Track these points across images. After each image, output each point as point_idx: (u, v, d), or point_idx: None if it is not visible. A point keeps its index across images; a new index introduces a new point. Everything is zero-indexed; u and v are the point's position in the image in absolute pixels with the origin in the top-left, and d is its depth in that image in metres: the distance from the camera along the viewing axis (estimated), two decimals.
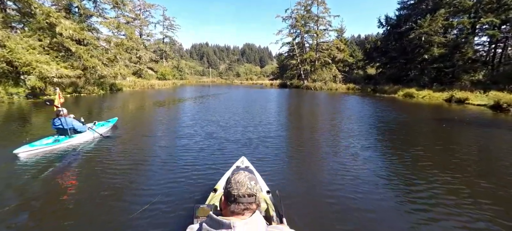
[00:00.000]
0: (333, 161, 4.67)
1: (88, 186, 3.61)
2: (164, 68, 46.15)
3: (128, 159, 4.74)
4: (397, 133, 7.20)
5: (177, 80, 46.70)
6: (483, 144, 6.20)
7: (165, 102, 15.28)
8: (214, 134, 6.72)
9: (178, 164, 4.46)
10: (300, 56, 38.13)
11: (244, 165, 3.34)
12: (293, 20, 37.52)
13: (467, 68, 23.43)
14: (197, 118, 9.35)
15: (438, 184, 3.64)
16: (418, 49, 29.38)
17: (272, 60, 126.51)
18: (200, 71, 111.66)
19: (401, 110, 12.53)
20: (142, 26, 42.97)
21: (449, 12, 26.88)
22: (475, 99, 13.31)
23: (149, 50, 44.19)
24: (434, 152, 5.31)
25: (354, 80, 35.02)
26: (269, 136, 6.59)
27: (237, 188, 1.01)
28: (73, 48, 17.19)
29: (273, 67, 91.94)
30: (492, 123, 8.99)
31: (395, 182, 3.79)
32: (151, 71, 42.45)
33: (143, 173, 4.08)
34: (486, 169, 4.36)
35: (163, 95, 20.56)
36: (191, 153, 5.14)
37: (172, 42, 55.68)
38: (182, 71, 66.83)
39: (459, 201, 3.16)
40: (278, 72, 63.27)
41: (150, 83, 30.02)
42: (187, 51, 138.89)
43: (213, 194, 2.63)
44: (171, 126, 7.95)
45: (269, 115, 10.32)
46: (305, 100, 19.35)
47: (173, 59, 61.68)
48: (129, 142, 6.01)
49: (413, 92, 18.51)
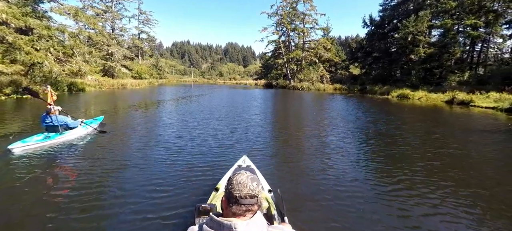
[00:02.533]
0: (334, 162, 4.60)
1: (85, 182, 3.56)
2: (140, 66, 42.55)
3: (124, 157, 4.70)
4: (401, 139, 6.34)
5: (155, 79, 43.23)
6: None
7: (130, 107, 12.82)
8: (207, 140, 6.11)
9: (179, 163, 4.40)
10: (286, 55, 36.68)
11: (245, 164, 3.34)
12: (279, 17, 35.98)
13: (454, 68, 23.39)
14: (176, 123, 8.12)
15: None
16: (403, 49, 29.28)
17: (256, 60, 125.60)
18: (182, 70, 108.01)
19: (402, 114, 11.32)
20: (114, 20, 39.08)
21: (432, 13, 27.00)
22: (480, 101, 12.34)
23: (123, 46, 40.42)
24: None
25: (340, 80, 34.50)
26: (268, 139, 6.43)
27: (239, 190, 0.99)
28: (9, 38, 13.78)
29: (257, 67, 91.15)
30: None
31: (399, 183, 3.72)
32: (125, 70, 38.79)
33: (142, 171, 4.01)
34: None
35: (134, 97, 17.88)
36: (192, 152, 5.01)
37: (150, 38, 51.81)
38: (162, 70, 62.94)
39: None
40: (263, 71, 61.80)
41: (121, 82, 26.52)
42: (167, 49, 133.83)
43: (214, 193, 2.63)
44: (167, 126, 7.64)
45: (263, 120, 9.20)
46: (295, 101, 17.82)
47: (151, 57, 57.84)
48: (123, 140, 5.92)
49: (408, 93, 17.52)
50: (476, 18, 23.21)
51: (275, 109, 13.51)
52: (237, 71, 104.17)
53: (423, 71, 24.59)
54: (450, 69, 23.24)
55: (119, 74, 36.54)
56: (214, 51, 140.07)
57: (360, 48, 36.02)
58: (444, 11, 26.16)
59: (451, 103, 13.79)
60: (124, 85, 26.83)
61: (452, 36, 23.11)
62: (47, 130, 5.61)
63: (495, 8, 23.55)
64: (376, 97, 20.51)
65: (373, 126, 8.03)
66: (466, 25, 23.49)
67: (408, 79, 26.09)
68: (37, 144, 5.10)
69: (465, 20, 23.67)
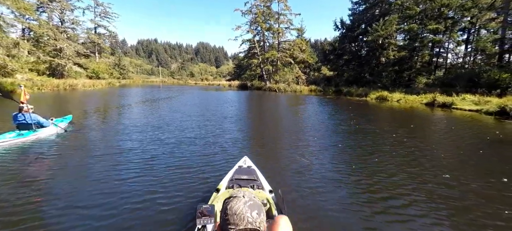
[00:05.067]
0: (331, 163, 4.58)
1: (72, 181, 3.49)
2: (97, 64, 37.69)
3: (115, 155, 4.61)
4: (409, 147, 5.68)
5: (115, 79, 38.67)
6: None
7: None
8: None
9: (180, 164, 4.29)
10: (261, 55, 35.49)
11: (246, 164, 3.33)
12: (254, 15, 34.64)
13: (423, 70, 24.53)
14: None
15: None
16: (373, 52, 30.24)
17: (229, 61, 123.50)
18: (149, 70, 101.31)
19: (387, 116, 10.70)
20: (63, 11, 33.90)
21: (399, 17, 28.31)
22: (460, 103, 12.36)
23: (75, 41, 35.33)
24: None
25: (314, 82, 34.53)
26: (263, 143, 6.23)
27: (235, 224, 0.84)
28: None
29: (230, 67, 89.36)
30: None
31: (399, 183, 3.71)
32: (79, 68, 33.91)
33: (132, 171, 3.89)
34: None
35: (77, 102, 14.86)
36: (192, 152, 4.96)
37: (111, 34, 46.60)
38: (125, 69, 57.38)
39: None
40: (236, 72, 60.07)
41: (69, 83, 22.33)
42: (133, 47, 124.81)
43: (215, 194, 2.59)
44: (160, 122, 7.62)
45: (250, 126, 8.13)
46: (276, 104, 16.56)
47: (113, 55, 52.26)
48: (103, 138, 5.90)
49: (387, 95, 17.40)
50: (437, 24, 24.74)
51: (258, 113, 12.03)
52: (209, 71, 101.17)
53: (395, 73, 25.41)
54: (418, 71, 24.31)
55: (70, 73, 31.71)
56: (185, 51, 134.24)
57: (332, 50, 36.58)
58: (409, 17, 27.61)
59: (432, 106, 13.70)
60: (73, 86, 22.64)
61: (421, 40, 24.21)
62: (19, 128, 5.69)
63: (452, 15, 25.40)
64: (354, 99, 20.26)
65: (368, 130, 7.65)
66: (429, 30, 24.91)
67: (379, 81, 26.87)
68: (10, 141, 5.18)
69: (427, 25, 25.10)
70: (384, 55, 28.84)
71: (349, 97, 21.95)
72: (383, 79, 26.76)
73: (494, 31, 24.89)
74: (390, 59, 27.08)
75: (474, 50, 26.47)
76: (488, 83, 13.92)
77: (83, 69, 34.93)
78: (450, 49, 27.72)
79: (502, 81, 13.18)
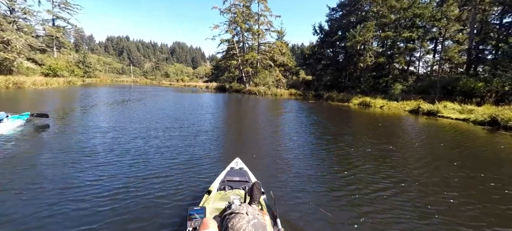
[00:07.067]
0: (324, 164, 4.68)
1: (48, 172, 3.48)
2: (55, 60, 33.41)
3: (99, 154, 4.54)
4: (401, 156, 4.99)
5: (76, 78, 34.59)
6: None
7: None
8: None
9: (169, 166, 4.14)
10: (241, 57, 34.21)
11: (238, 166, 3.27)
12: (233, 15, 33.30)
13: (399, 77, 25.17)
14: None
15: None
16: (351, 57, 30.70)
17: (206, 62, 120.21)
18: (119, 68, 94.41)
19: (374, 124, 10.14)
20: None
21: (376, 25, 29.12)
22: (446, 112, 12.08)
23: (28, 33, 30.91)
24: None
25: (294, 85, 34.21)
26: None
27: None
28: None
29: (207, 69, 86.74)
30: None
31: (390, 180, 3.87)
32: (31, 64, 29.64)
33: (116, 172, 3.73)
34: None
35: (12, 103, 12.34)
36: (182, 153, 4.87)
37: (74, 28, 41.95)
38: (91, 67, 52.31)
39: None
40: (214, 74, 58.02)
41: (12, 80, 18.71)
42: (101, 44, 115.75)
43: (207, 196, 2.55)
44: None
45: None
46: (257, 108, 15.41)
47: (76, 52, 47.34)
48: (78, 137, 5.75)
49: (370, 101, 17.16)
50: (410, 33, 25.77)
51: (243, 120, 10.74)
52: (185, 72, 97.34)
53: (373, 79, 25.78)
54: (395, 78, 24.91)
55: (20, 69, 27.47)
56: (159, 50, 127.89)
57: (312, 54, 36.71)
58: (385, 24, 28.54)
59: (417, 113, 13.50)
60: (19, 84, 19.14)
61: (398, 47, 24.84)
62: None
63: (424, 25, 26.66)
64: (335, 104, 19.87)
65: (355, 137, 7.42)
66: (403, 38, 25.84)
67: (357, 86, 27.22)
68: None
69: (401, 33, 26.04)
70: (361, 61, 29.44)
71: (330, 102, 21.59)
72: (361, 84, 27.16)
73: (459, 42, 26.71)
74: (369, 65, 27.60)
75: (442, 59, 28.11)
76: (464, 91, 14.25)
77: (38, 65, 30.64)
78: (420, 57, 29.19)
79: (477, 89, 13.54)
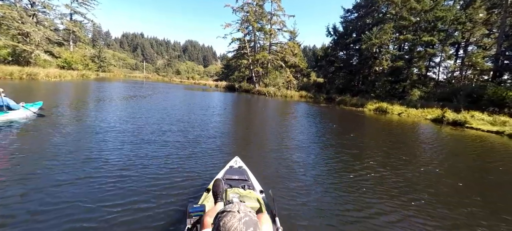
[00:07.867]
0: (325, 167, 4.65)
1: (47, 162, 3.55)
2: (70, 54, 34.20)
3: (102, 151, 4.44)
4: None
5: (90, 71, 35.28)
6: None
7: None
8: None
9: (169, 163, 4.14)
10: (251, 56, 33.72)
11: (237, 165, 3.30)
12: (245, 13, 32.88)
13: (418, 82, 23.81)
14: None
15: None
16: (366, 60, 29.49)
17: (217, 61, 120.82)
18: (133, 64, 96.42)
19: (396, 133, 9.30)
20: None
21: (394, 27, 27.76)
22: (475, 123, 10.63)
23: (46, 27, 31.79)
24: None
25: (305, 87, 33.36)
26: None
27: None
28: None
29: (217, 68, 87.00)
30: None
31: (392, 186, 3.80)
32: (48, 57, 30.42)
33: (117, 166, 3.76)
34: None
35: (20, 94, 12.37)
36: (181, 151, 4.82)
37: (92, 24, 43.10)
38: (105, 61, 53.49)
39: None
40: (224, 72, 57.91)
41: (26, 71, 19.15)
42: (117, 40, 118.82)
43: (206, 194, 2.55)
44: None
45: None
46: (267, 110, 14.85)
47: (93, 47, 48.57)
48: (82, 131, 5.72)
49: (387, 107, 16.12)
50: (431, 36, 24.28)
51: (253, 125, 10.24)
52: (196, 70, 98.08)
53: (389, 83, 24.52)
54: (414, 83, 23.58)
55: (38, 61, 28.24)
56: (172, 48, 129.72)
57: (324, 56, 35.73)
58: (403, 27, 27.15)
59: (440, 122, 12.28)
60: (33, 75, 19.52)
61: (418, 51, 23.49)
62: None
63: (446, 29, 25.05)
64: (349, 108, 18.93)
65: (374, 148, 6.74)
66: (423, 42, 24.40)
67: (372, 90, 26.00)
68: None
69: (421, 37, 24.58)
70: (377, 65, 28.19)
71: (343, 106, 20.64)
72: (376, 89, 25.94)
73: (485, 48, 24.91)
74: (385, 69, 26.37)
75: (464, 65, 26.43)
76: (492, 100, 13.07)
77: (54, 58, 31.45)
78: (440, 62, 27.58)
79: (509, 98, 12.36)
